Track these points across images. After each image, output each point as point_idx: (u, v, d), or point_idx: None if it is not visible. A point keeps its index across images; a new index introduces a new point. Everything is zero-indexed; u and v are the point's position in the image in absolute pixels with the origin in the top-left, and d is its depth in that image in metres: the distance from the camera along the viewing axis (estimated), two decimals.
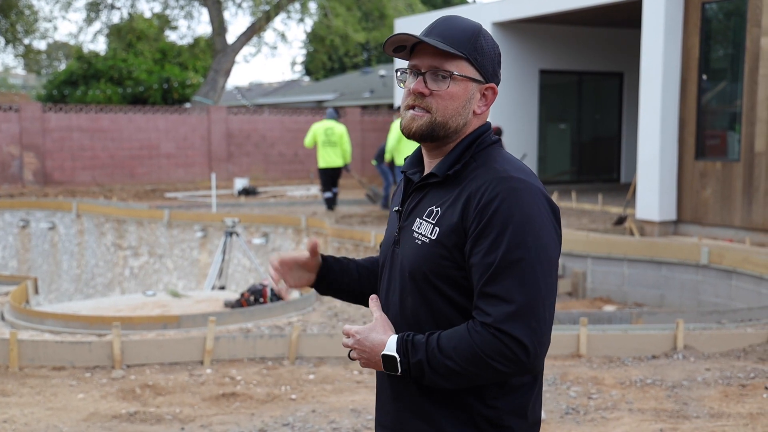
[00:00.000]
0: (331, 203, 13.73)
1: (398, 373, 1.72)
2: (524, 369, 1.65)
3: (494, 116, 14.87)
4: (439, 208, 1.76)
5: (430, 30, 1.80)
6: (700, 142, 10.74)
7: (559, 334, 6.08)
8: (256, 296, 7.84)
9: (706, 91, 10.79)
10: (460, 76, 1.76)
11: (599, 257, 9.37)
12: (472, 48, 1.77)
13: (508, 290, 1.63)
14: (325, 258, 2.04)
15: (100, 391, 5.28)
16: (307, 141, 13.54)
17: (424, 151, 1.88)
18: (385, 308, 1.87)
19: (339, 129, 13.33)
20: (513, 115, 15.19)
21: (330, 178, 13.58)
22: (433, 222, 1.76)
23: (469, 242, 1.70)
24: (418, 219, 1.80)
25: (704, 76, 10.70)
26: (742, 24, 10.26)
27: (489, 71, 1.80)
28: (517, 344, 1.62)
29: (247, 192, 17.45)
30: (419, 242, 1.77)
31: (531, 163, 15.62)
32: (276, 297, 7.92)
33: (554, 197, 13.72)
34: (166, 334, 6.36)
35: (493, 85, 1.82)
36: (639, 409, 4.91)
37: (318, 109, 23.43)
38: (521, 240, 1.65)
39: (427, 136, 1.78)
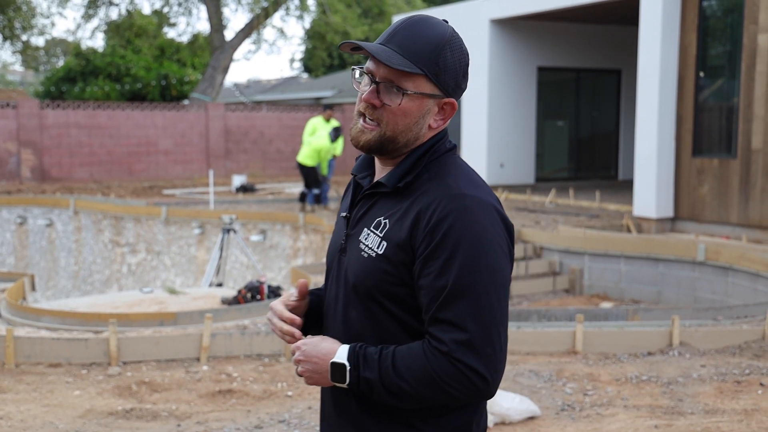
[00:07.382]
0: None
1: (345, 384, 1.63)
2: (480, 396, 1.59)
3: (493, 114, 14.88)
4: (387, 220, 1.66)
5: (393, 35, 1.65)
6: (697, 139, 10.75)
7: (555, 330, 6.10)
8: (253, 293, 7.85)
9: (703, 88, 10.80)
10: (415, 93, 1.64)
11: (596, 254, 9.39)
12: (433, 63, 1.63)
13: (461, 317, 1.56)
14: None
15: (97, 388, 5.28)
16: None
17: (375, 156, 1.77)
18: (332, 317, 1.78)
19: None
20: (511, 112, 15.21)
21: None
22: (381, 235, 1.66)
23: (419, 263, 1.60)
24: (365, 229, 1.70)
25: (701, 74, 10.70)
26: (739, 21, 10.26)
27: (450, 86, 1.67)
28: (473, 373, 1.55)
29: (245, 189, 17.45)
30: (365, 255, 1.67)
31: (528, 160, 15.64)
32: (273, 294, 7.93)
33: (552, 194, 13.73)
34: (163, 331, 6.36)
35: (452, 100, 1.68)
36: (634, 406, 4.92)
37: (316, 106, 23.41)
38: (473, 263, 1.57)
39: (375, 150, 1.68)
